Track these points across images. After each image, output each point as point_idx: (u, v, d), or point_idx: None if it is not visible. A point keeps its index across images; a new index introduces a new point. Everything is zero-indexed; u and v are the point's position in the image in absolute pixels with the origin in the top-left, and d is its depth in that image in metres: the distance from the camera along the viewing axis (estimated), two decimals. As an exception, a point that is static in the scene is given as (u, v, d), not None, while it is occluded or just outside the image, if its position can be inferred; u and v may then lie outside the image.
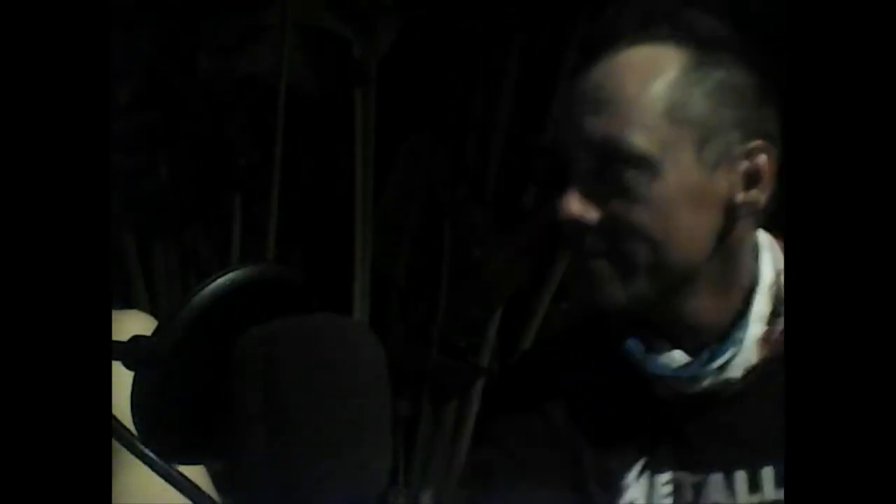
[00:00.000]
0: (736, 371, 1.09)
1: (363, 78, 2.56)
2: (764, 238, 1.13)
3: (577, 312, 1.15)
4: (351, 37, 2.55)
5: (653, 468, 1.11)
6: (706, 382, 1.09)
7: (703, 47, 1.08)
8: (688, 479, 1.10)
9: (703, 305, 1.10)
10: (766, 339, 1.09)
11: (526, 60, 2.60)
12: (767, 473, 1.08)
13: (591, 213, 1.07)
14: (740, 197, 1.08)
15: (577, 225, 1.07)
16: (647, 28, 1.08)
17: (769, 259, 1.11)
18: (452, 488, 2.59)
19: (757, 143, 1.08)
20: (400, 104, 2.59)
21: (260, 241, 2.54)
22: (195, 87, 2.53)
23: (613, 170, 1.06)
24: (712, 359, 1.09)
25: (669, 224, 1.06)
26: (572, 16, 2.52)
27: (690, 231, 1.07)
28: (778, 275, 1.11)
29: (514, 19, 2.59)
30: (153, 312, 1.05)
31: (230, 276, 0.68)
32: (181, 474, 0.64)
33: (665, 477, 1.11)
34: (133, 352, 0.66)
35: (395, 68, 2.57)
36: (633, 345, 1.11)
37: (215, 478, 0.91)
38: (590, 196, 1.07)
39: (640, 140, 1.05)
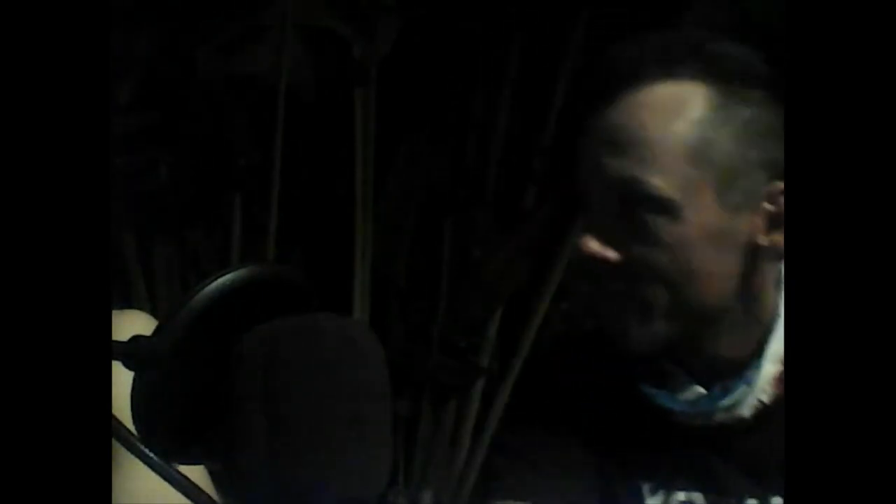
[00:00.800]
0: (746, 410, 1.07)
1: (363, 78, 2.55)
2: None
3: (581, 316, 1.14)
4: (351, 37, 2.55)
5: (668, 486, 1.10)
6: (717, 417, 1.08)
7: (730, 84, 1.04)
8: (701, 500, 1.10)
9: (723, 342, 1.08)
10: (780, 380, 1.06)
11: (526, 60, 2.60)
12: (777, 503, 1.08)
13: (611, 254, 1.04)
14: (763, 240, 1.05)
15: (597, 263, 1.05)
16: (670, 64, 1.05)
17: None
18: (452, 488, 2.59)
19: (781, 185, 1.04)
20: (400, 104, 2.58)
21: (260, 241, 2.54)
22: (195, 87, 2.53)
23: (633, 212, 1.03)
24: (723, 395, 1.07)
25: (689, 267, 1.04)
26: (572, 16, 2.52)
27: (710, 274, 1.05)
28: None
29: (514, 19, 2.59)
30: (153, 312, 1.05)
31: (230, 276, 0.68)
32: (181, 474, 0.64)
33: (680, 496, 1.10)
34: (133, 352, 0.66)
35: (395, 68, 2.56)
36: (646, 387, 1.10)
37: (215, 478, 0.91)
38: (609, 236, 1.05)
39: (661, 183, 1.02)
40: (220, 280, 0.68)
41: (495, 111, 2.62)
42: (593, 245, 1.05)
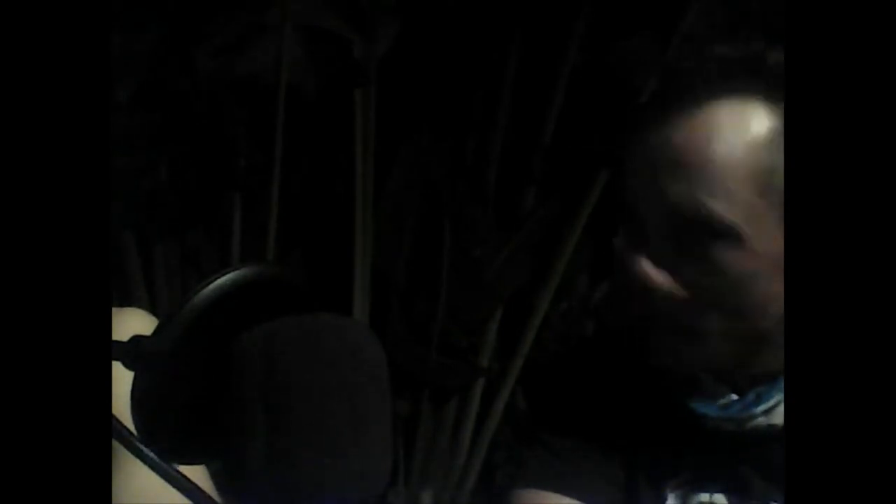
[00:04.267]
0: (779, 419, 1.05)
1: (363, 78, 2.56)
2: None
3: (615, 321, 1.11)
4: (351, 37, 2.55)
5: (692, 486, 1.09)
6: (749, 425, 1.06)
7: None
8: (724, 501, 1.09)
9: (763, 357, 1.06)
10: None
11: (526, 60, 2.60)
12: None
13: (667, 280, 1.01)
14: None
15: (652, 290, 1.02)
16: (729, 78, 1.01)
17: None
18: (452, 488, 2.59)
19: None
20: (400, 104, 2.58)
21: (260, 241, 2.54)
22: (195, 87, 2.53)
23: (693, 238, 1.00)
24: (758, 402, 1.05)
25: (747, 295, 1.01)
26: (572, 15, 2.52)
27: (767, 301, 1.02)
28: None
29: (514, 19, 2.59)
30: (153, 312, 1.05)
31: (230, 276, 0.68)
32: (181, 474, 0.64)
33: (703, 497, 1.09)
34: (133, 352, 0.66)
35: (395, 68, 2.57)
36: (678, 394, 1.08)
37: (215, 478, 0.91)
38: (665, 261, 1.01)
39: (724, 210, 0.98)
40: (220, 280, 0.68)
41: (495, 111, 2.62)
42: (650, 271, 1.01)
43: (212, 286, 0.68)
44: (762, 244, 1.00)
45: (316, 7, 2.53)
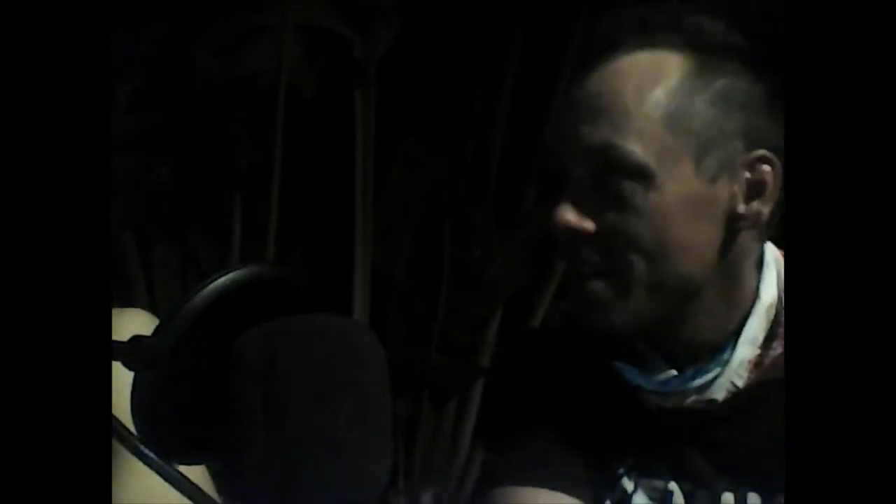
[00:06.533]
0: (718, 393, 1.06)
1: (363, 78, 2.56)
2: (770, 254, 1.09)
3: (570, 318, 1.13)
4: (351, 37, 2.55)
5: (645, 474, 1.10)
6: (688, 400, 1.07)
7: (705, 54, 1.05)
8: (677, 489, 1.09)
9: (700, 324, 1.07)
10: (756, 364, 1.06)
11: (526, 60, 2.60)
12: (753, 499, 1.07)
13: (587, 224, 1.03)
14: (742, 208, 1.04)
15: (573, 235, 1.04)
16: (647, 33, 1.05)
17: (772, 277, 1.08)
18: (452, 488, 2.59)
19: (760, 153, 1.04)
20: (400, 104, 2.59)
21: (260, 241, 2.54)
22: (195, 87, 2.53)
23: (609, 180, 1.02)
24: (695, 377, 1.06)
25: (666, 236, 1.03)
26: (572, 16, 2.52)
27: (688, 243, 1.04)
28: (781, 294, 1.07)
29: (514, 19, 2.59)
30: (153, 312, 1.05)
31: (230, 276, 0.68)
32: (181, 474, 0.64)
33: (657, 484, 1.09)
34: (133, 352, 0.66)
35: (395, 68, 2.57)
36: (620, 364, 1.09)
37: (215, 478, 0.91)
38: (585, 207, 1.03)
39: (637, 149, 1.01)
40: (220, 280, 0.68)
41: (495, 111, 2.62)
42: (570, 216, 1.04)
43: (211, 286, 0.68)
44: (676, 183, 1.03)
45: (316, 7, 2.53)
